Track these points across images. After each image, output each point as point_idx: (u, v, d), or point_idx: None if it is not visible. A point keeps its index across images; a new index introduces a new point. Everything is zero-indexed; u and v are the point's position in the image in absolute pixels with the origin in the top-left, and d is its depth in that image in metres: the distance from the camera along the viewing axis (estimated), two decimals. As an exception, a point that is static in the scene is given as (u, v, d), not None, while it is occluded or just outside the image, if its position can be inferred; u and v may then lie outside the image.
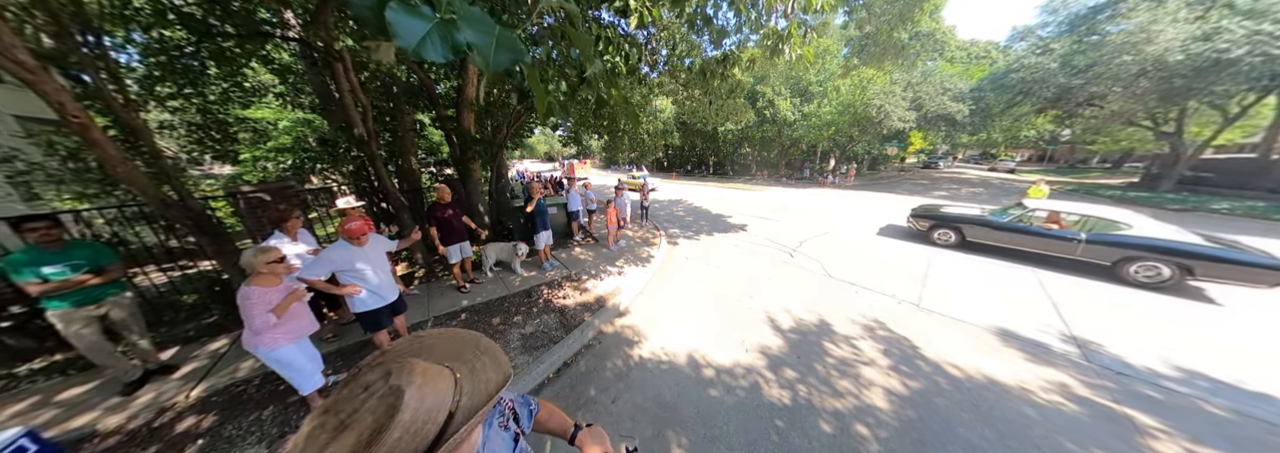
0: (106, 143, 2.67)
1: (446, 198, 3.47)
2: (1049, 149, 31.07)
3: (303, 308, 2.06)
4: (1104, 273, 4.22)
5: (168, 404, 2.38)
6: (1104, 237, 4.14)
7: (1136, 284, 3.97)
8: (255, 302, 1.76)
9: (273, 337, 1.89)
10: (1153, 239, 3.91)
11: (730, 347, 2.75)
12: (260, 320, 1.77)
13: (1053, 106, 12.42)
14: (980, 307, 3.46)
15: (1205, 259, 3.64)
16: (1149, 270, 3.91)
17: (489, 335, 3.03)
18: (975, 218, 5.17)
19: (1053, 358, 2.65)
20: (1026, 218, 4.73)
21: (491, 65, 0.68)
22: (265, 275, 1.81)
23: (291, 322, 1.97)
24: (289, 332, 1.97)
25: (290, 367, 1.99)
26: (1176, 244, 3.80)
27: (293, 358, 1.98)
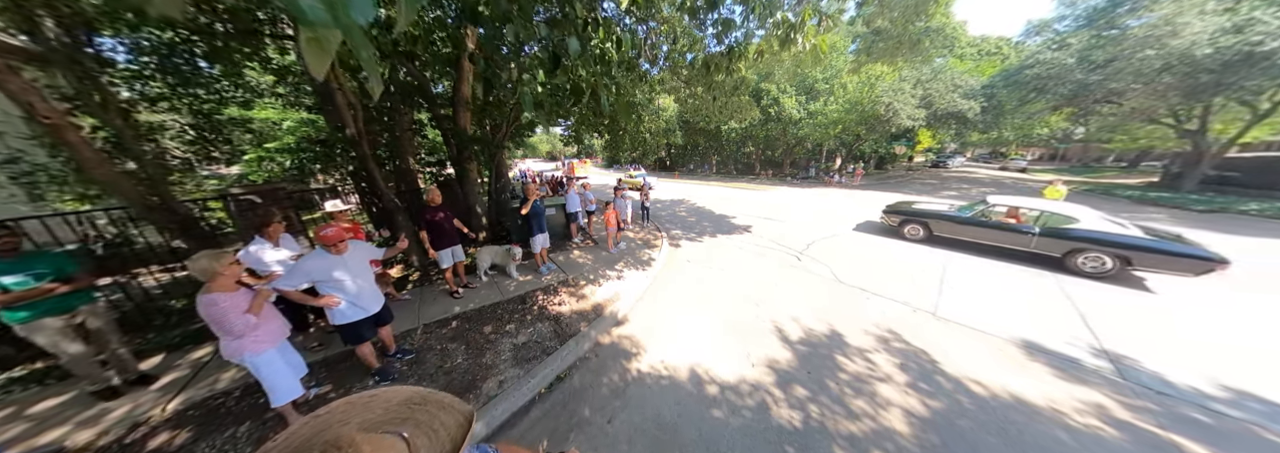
0: (82, 144, 2.56)
1: (437, 200, 3.33)
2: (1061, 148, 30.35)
3: (272, 310, 1.97)
4: (1055, 264, 4.51)
5: (142, 418, 2.27)
6: (1055, 230, 4.44)
7: (1083, 274, 4.27)
8: (226, 306, 1.66)
9: (255, 340, 1.80)
10: (1097, 232, 4.22)
11: (735, 360, 2.58)
12: (241, 323, 1.68)
13: (1068, 104, 12.02)
14: (1001, 316, 3.25)
15: (1141, 250, 3.96)
16: (1094, 261, 4.23)
17: (481, 345, 2.91)
18: (941, 213, 5.52)
19: (1084, 375, 2.45)
20: (987, 213, 5.08)
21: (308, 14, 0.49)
22: (225, 279, 1.70)
23: (268, 324, 1.88)
24: (269, 335, 1.88)
25: (274, 372, 1.89)
26: (1117, 237, 4.10)
27: (273, 364, 1.89)
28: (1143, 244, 3.95)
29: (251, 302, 1.75)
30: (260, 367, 1.84)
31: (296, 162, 6.26)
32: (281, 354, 1.99)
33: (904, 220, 5.88)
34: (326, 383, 2.50)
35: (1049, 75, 11.10)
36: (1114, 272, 4.10)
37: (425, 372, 2.54)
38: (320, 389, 2.42)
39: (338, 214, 3.08)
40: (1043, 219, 4.59)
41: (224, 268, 1.68)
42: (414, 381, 2.47)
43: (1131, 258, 4.00)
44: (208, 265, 1.67)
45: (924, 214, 5.66)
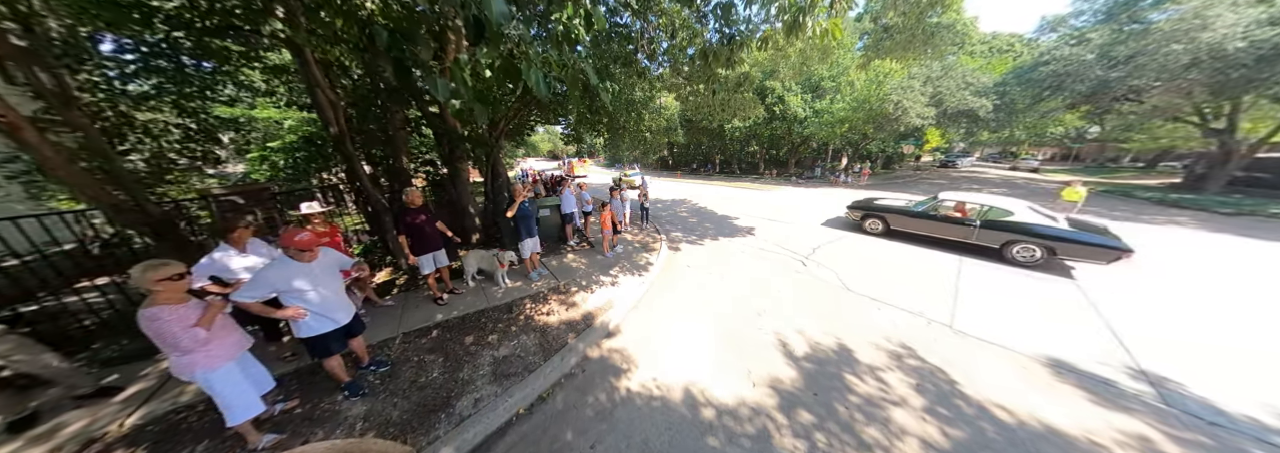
0: (42, 144, 2.41)
1: (417, 202, 3.15)
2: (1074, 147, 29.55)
3: (231, 322, 1.81)
4: (995, 254, 4.89)
5: (98, 434, 2.12)
6: (993, 223, 4.83)
7: (1017, 263, 4.62)
8: (169, 320, 1.49)
9: (208, 355, 1.64)
10: (1028, 224, 4.60)
11: (734, 379, 2.37)
12: (187, 338, 1.51)
13: (1086, 102, 11.57)
14: (1023, 328, 3.00)
15: (1062, 240, 4.34)
16: (1026, 251, 4.60)
17: (460, 357, 2.71)
18: (897, 208, 5.94)
19: (1123, 399, 2.20)
20: (938, 208, 5.49)
21: None
22: (167, 292, 1.53)
23: (225, 337, 1.73)
24: (226, 348, 1.73)
25: (231, 389, 1.73)
26: (1044, 228, 4.49)
27: (234, 380, 1.73)
28: (1064, 235, 4.37)
29: (201, 314, 1.58)
30: (214, 383, 1.68)
31: (290, 161, 6.16)
32: (242, 368, 1.83)
33: (865, 215, 6.34)
34: (295, 397, 2.33)
35: (1066, 72, 10.68)
36: (1043, 260, 4.51)
37: (398, 387, 2.36)
38: (287, 404, 2.26)
39: (313, 217, 2.91)
40: (983, 213, 4.98)
41: (159, 280, 1.51)
42: (385, 396, 2.30)
43: (1056, 248, 4.40)
44: (143, 276, 1.50)
45: (883, 210, 6.07)
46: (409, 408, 2.18)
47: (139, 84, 3.88)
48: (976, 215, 5.01)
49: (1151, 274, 4.36)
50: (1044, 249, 4.45)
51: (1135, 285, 3.96)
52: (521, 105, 5.44)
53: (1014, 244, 4.66)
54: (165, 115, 4.30)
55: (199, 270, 2.22)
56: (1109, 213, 8.43)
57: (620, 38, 4.43)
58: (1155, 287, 3.93)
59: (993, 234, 4.82)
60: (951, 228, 5.22)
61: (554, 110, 5.79)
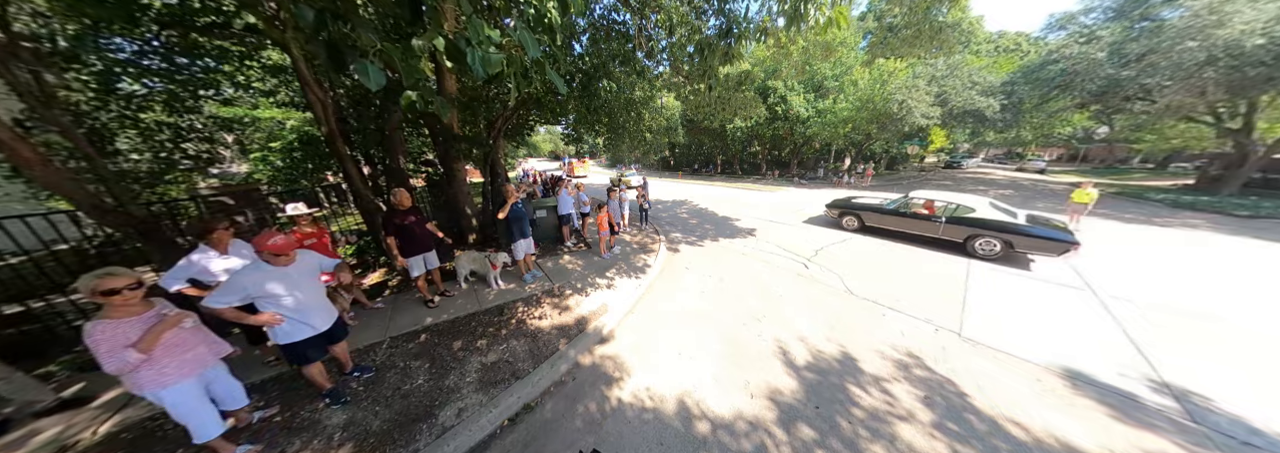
0: (18, 143, 2.35)
1: (406, 203, 3.06)
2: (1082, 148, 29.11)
3: (192, 335, 1.66)
4: (959, 248, 5.20)
5: (71, 441, 2.04)
6: (958, 218, 5.10)
7: (980, 257, 4.88)
8: (99, 339, 1.36)
9: (159, 373, 1.51)
10: (988, 219, 4.86)
11: (732, 390, 2.25)
12: (113, 362, 1.36)
13: (1095, 101, 11.33)
14: (1036, 337, 2.86)
15: (1018, 234, 4.61)
16: (987, 245, 4.87)
17: (447, 363, 2.59)
18: (872, 206, 6.26)
19: (1146, 415, 2.07)
20: (909, 205, 5.78)
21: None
22: (115, 306, 1.41)
23: (181, 352, 1.58)
24: (183, 365, 1.58)
25: (186, 409, 1.62)
26: (1002, 223, 4.76)
27: (185, 400, 1.60)
28: (1019, 229, 4.63)
29: (144, 333, 1.44)
30: (166, 402, 1.57)
31: (288, 161, 6.13)
32: (206, 384, 1.73)
33: (842, 213, 6.66)
34: (277, 404, 2.25)
35: (1075, 71, 10.46)
36: (1002, 253, 4.78)
37: (380, 394, 2.27)
38: (268, 412, 2.17)
39: (300, 218, 2.83)
40: (949, 210, 5.24)
41: (103, 293, 1.37)
42: (367, 404, 2.21)
43: (1013, 241, 4.66)
44: (87, 287, 1.37)
45: (858, 207, 6.39)
46: (391, 417, 2.09)
47: (129, 83, 3.83)
48: (943, 212, 5.27)
49: (1169, 279, 4.19)
50: (1003, 243, 4.75)
51: (1153, 291, 3.81)
52: (519, 104, 5.36)
53: (976, 238, 4.96)
54: (157, 114, 4.25)
55: (176, 274, 2.14)
56: (1119, 215, 8.22)
57: (619, 35, 4.34)
58: (1174, 293, 3.77)
59: (957, 229, 5.11)
60: (920, 224, 5.50)
61: (553, 110, 5.70)
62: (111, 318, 1.40)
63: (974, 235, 4.95)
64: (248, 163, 6.87)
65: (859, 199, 6.79)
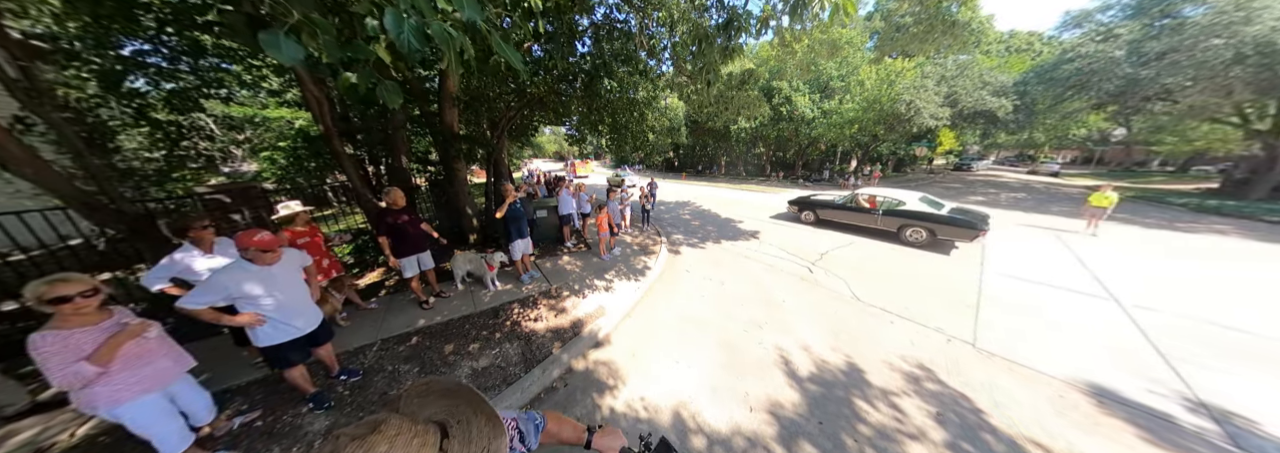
0: (4, 139, 2.32)
1: (400, 203, 2.99)
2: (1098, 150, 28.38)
3: (155, 347, 1.54)
4: (893, 237, 5.91)
5: (48, 443, 2.00)
6: (891, 211, 5.79)
7: (910, 244, 5.53)
8: (47, 352, 1.22)
9: (110, 392, 1.37)
10: (915, 211, 5.52)
11: (731, 402, 2.13)
12: (64, 377, 1.23)
13: (1113, 101, 10.99)
14: (1057, 350, 2.70)
15: (937, 222, 5.26)
16: (915, 233, 5.50)
17: (437, 367, 2.48)
18: (825, 202, 6.99)
19: (1182, 438, 1.91)
20: (855, 200, 6.42)
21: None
22: (66, 314, 1.29)
23: (140, 366, 1.45)
24: (142, 380, 1.46)
25: (149, 424, 1.51)
26: (925, 213, 5.42)
27: (146, 415, 1.49)
28: (939, 218, 5.27)
29: (101, 344, 1.31)
30: (125, 419, 1.44)
31: (291, 159, 6.15)
32: (170, 398, 1.61)
33: (801, 208, 7.40)
34: (259, 407, 2.18)
35: (1092, 70, 10.15)
36: (928, 241, 5.41)
37: (366, 399, 2.19)
38: (249, 416, 2.11)
39: (295, 216, 2.78)
40: (885, 203, 5.92)
41: (51, 301, 1.24)
42: (351, 409, 2.13)
43: (934, 230, 5.30)
44: (34, 293, 1.24)
45: (815, 204, 7.17)
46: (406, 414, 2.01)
47: (132, 81, 3.84)
48: (882, 206, 5.94)
49: (1198, 288, 3.97)
50: (927, 231, 5.37)
51: (1181, 301, 3.60)
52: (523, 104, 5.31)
53: (906, 228, 5.59)
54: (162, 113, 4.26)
55: (157, 272, 2.09)
56: (1140, 219, 7.92)
57: (621, 35, 4.27)
58: (1204, 303, 3.56)
59: (891, 220, 5.78)
60: (863, 216, 6.20)
61: (557, 110, 5.64)
62: (62, 328, 1.27)
63: (904, 225, 5.62)
64: (258, 161, 6.93)
65: (815, 197, 7.59)
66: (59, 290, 1.26)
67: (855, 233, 6.28)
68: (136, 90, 3.89)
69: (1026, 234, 6.50)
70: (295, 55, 0.82)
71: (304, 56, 0.83)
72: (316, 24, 0.82)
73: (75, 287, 1.28)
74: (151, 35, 3.47)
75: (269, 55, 0.78)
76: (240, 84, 4.88)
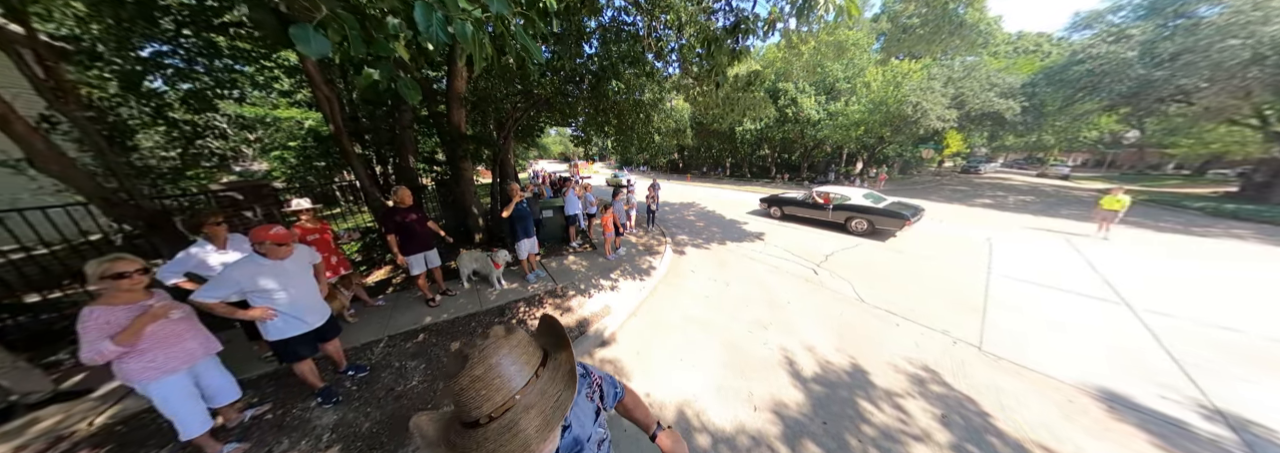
0: (33, 136, 2.40)
1: (407, 201, 3.04)
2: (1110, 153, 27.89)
3: (187, 326, 1.64)
4: (840, 228, 6.82)
5: (67, 431, 2.06)
6: (840, 205, 6.68)
7: (855, 234, 6.41)
8: (89, 326, 1.35)
9: (142, 366, 1.49)
10: (857, 205, 6.42)
11: (735, 401, 2.13)
12: (89, 350, 1.34)
13: (1125, 103, 10.81)
14: (1066, 354, 2.66)
15: (875, 214, 6.14)
16: (859, 224, 6.38)
17: (443, 364, 2.58)
18: (790, 199, 7.90)
19: (1197, 446, 1.87)
20: (811, 198, 7.27)
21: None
22: (114, 292, 1.42)
23: (170, 346, 1.56)
24: (171, 359, 1.56)
25: (171, 404, 1.59)
26: (866, 206, 6.29)
27: (172, 394, 1.58)
28: (875, 209, 6.17)
29: (125, 326, 1.41)
30: (153, 395, 1.55)
31: (301, 158, 6.27)
32: (195, 378, 1.70)
33: (769, 205, 8.37)
34: (269, 401, 2.23)
35: (1104, 71, 10.01)
36: (869, 229, 6.27)
37: (373, 395, 2.23)
38: (258, 410, 2.15)
39: (302, 213, 2.84)
40: (837, 199, 6.79)
41: (104, 277, 1.39)
42: (359, 405, 2.17)
43: (872, 220, 6.17)
44: (92, 272, 1.40)
45: (782, 201, 8.11)
46: (382, 419, 2.04)
47: (151, 81, 3.95)
48: (833, 201, 6.82)
49: (1214, 293, 3.89)
50: (868, 222, 6.22)
51: (1196, 306, 3.53)
52: (528, 105, 5.36)
53: (852, 219, 6.45)
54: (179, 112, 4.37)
55: (172, 266, 2.15)
56: (1153, 223, 7.77)
57: (628, 37, 4.30)
58: (1221, 309, 3.49)
59: (840, 213, 6.65)
60: (818, 211, 7.09)
61: (563, 111, 5.69)
62: (110, 304, 1.41)
63: (850, 217, 6.47)
64: (267, 161, 7.07)
65: (783, 195, 8.52)
66: (118, 267, 1.40)
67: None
68: (155, 90, 4.00)
69: (1035, 237, 6.41)
70: (324, 49, 0.85)
71: (331, 51, 0.86)
72: (343, 20, 0.85)
73: (131, 265, 1.44)
74: (170, 37, 3.57)
75: (299, 49, 0.81)
76: (252, 85, 4.98)
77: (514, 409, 0.51)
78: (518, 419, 0.51)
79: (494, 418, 0.50)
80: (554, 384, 0.56)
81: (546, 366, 0.58)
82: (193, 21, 3.45)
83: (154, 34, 3.51)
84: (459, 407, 0.52)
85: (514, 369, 0.53)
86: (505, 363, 0.53)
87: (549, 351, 0.62)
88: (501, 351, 0.54)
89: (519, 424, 0.50)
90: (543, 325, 0.70)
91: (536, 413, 0.52)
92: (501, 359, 0.53)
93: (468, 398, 0.50)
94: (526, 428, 0.51)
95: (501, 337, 0.56)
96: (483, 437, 0.50)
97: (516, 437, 0.50)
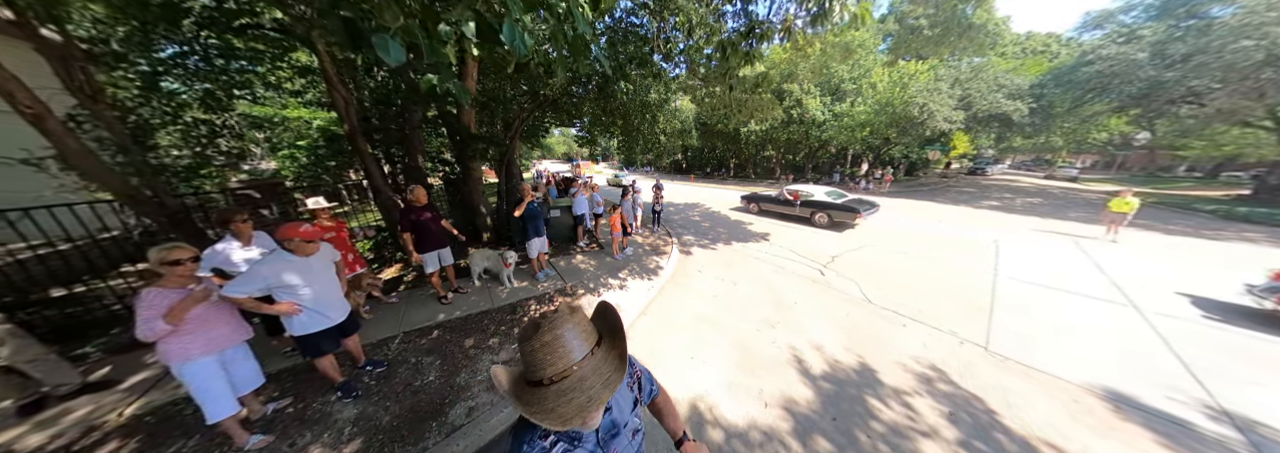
0: (65, 135, 2.49)
1: (422, 200, 3.11)
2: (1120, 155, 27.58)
3: (217, 312, 1.73)
4: (805, 221, 7.71)
5: (99, 422, 2.13)
6: (805, 201, 7.63)
7: (818, 226, 7.34)
8: (148, 305, 1.48)
9: (180, 347, 1.59)
10: (819, 200, 7.38)
11: (745, 398, 2.18)
12: (145, 328, 1.47)
13: (1135, 104, 10.71)
14: (1072, 355, 2.68)
15: (833, 209, 7.08)
16: (821, 217, 7.31)
17: (458, 360, 2.59)
18: (766, 196, 8.77)
19: (1202, 445, 1.89)
20: (783, 195, 8.16)
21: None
22: (169, 276, 1.56)
23: (204, 329, 1.66)
24: (205, 342, 1.66)
25: (201, 387, 1.67)
26: (826, 202, 7.24)
27: (203, 376, 1.67)
28: (832, 204, 7.11)
29: (173, 305, 1.53)
30: (186, 378, 1.64)
31: (312, 157, 6.37)
32: (225, 365, 1.77)
33: (748, 202, 9.28)
34: (289, 395, 2.29)
35: (1114, 72, 9.92)
36: (827, 222, 7.24)
37: (392, 389, 2.29)
38: (279, 404, 2.22)
39: (320, 211, 2.91)
40: (803, 196, 7.72)
41: (156, 264, 1.53)
42: (378, 399, 2.23)
43: (831, 214, 7.11)
44: (153, 257, 1.54)
45: (759, 198, 8.99)
46: (401, 413, 2.10)
47: (172, 82, 4.05)
48: (800, 198, 7.72)
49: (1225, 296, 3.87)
50: (827, 215, 7.20)
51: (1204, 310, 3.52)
52: (535, 105, 5.42)
53: (815, 213, 7.41)
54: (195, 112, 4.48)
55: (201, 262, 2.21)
56: (1162, 226, 7.70)
57: (636, 38, 4.35)
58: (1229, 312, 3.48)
59: (806, 208, 7.58)
60: (788, 207, 7.99)
61: (569, 111, 5.75)
62: (164, 287, 1.54)
63: (814, 211, 7.40)
64: (275, 160, 7.19)
65: (759, 192, 9.44)
66: (174, 255, 1.55)
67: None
68: (175, 91, 4.10)
69: (1043, 240, 6.39)
70: (399, 57, 0.94)
71: (405, 58, 0.94)
72: (413, 31, 0.92)
73: (185, 253, 1.58)
74: (190, 38, 3.67)
75: (380, 56, 0.89)
76: (264, 85, 5.08)
77: (572, 377, 0.58)
78: (575, 386, 0.57)
79: (555, 381, 0.57)
80: (607, 364, 0.63)
81: (600, 346, 0.64)
82: (212, 23, 3.54)
83: (175, 36, 3.61)
84: (527, 366, 0.59)
85: (576, 342, 0.60)
86: (569, 335, 0.60)
87: (603, 334, 0.68)
88: (567, 323, 0.60)
89: (576, 390, 0.57)
90: (599, 311, 0.75)
91: (589, 385, 0.58)
92: (566, 331, 0.59)
93: (537, 359, 0.58)
94: (580, 397, 0.57)
95: (568, 312, 0.63)
96: (544, 395, 0.57)
97: (572, 401, 0.56)
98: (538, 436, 0.65)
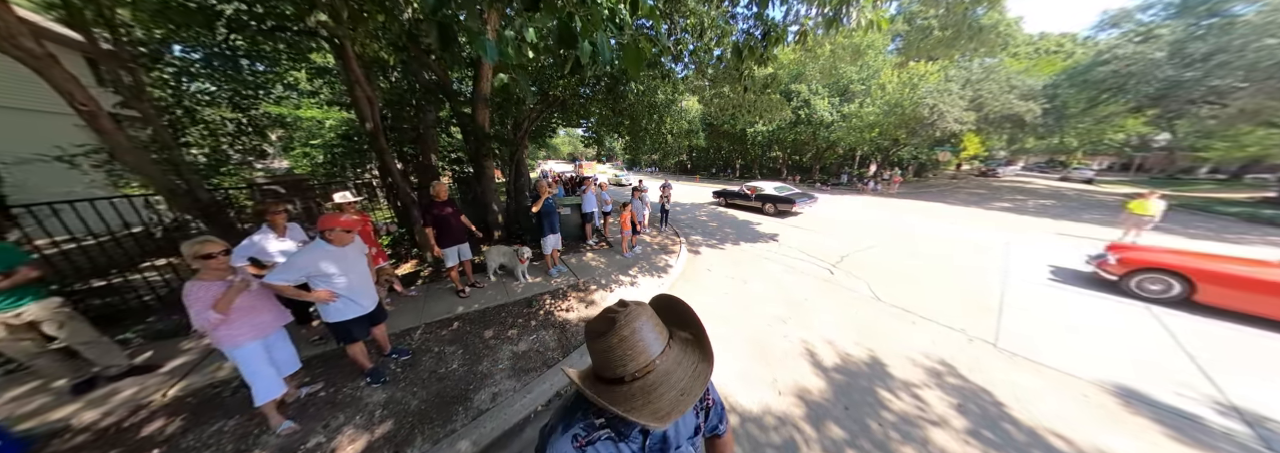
0: (115, 131, 2.65)
1: (443, 196, 3.23)
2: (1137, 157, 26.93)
3: (261, 299, 1.85)
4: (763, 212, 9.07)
5: (144, 402, 2.27)
6: (759, 196, 9.04)
7: (768, 215, 8.69)
8: (195, 297, 1.58)
9: (231, 333, 1.72)
10: (767, 195, 8.83)
11: (759, 387, 2.25)
12: (200, 318, 1.59)
13: (1153, 105, 10.52)
14: (1081, 352, 2.70)
15: (778, 201, 8.60)
16: (770, 209, 8.74)
17: (479, 349, 2.73)
18: (731, 192, 10.05)
19: (1210, 438, 1.92)
20: (743, 190, 9.55)
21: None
22: (208, 268, 1.65)
23: (251, 316, 1.78)
24: (252, 328, 1.78)
25: (251, 370, 1.80)
26: (772, 196, 8.77)
27: (254, 358, 1.80)
28: (777, 198, 8.54)
29: (218, 297, 1.64)
30: (238, 359, 1.76)
31: (329, 156, 6.57)
32: (268, 349, 1.89)
33: (717, 197, 10.66)
34: (320, 380, 2.41)
35: (1131, 72, 9.76)
36: (776, 212, 8.62)
37: (418, 376, 2.40)
38: (312, 388, 2.34)
39: (346, 206, 3.05)
40: (757, 191, 9.11)
41: (198, 256, 1.61)
42: (405, 384, 2.34)
43: (778, 206, 8.49)
44: (187, 252, 1.62)
45: (727, 194, 10.22)
46: (428, 398, 2.21)
47: (201, 82, 4.24)
48: (755, 193, 9.16)
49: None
50: (774, 207, 8.56)
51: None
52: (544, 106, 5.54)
53: (766, 204, 8.72)
54: (221, 111, 4.68)
55: (239, 252, 2.35)
56: (1182, 229, 7.56)
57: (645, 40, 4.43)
58: (1245, 311, 3.44)
59: (758, 201, 9.00)
60: (747, 201, 9.41)
61: (577, 112, 5.86)
62: (203, 279, 1.62)
63: (765, 204, 8.76)
64: (288, 159, 7.41)
65: (727, 189, 10.48)
66: (206, 249, 1.61)
67: (750, 212, 9.21)
68: (206, 90, 4.29)
69: (1055, 242, 6.34)
70: (494, 57, 1.08)
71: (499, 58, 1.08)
72: (501, 37, 1.04)
73: (216, 246, 1.64)
74: (221, 40, 3.84)
75: (480, 56, 1.04)
76: (282, 85, 5.27)
77: (655, 371, 0.55)
78: (661, 380, 0.54)
79: (637, 377, 0.54)
80: (688, 356, 0.60)
81: (675, 339, 0.62)
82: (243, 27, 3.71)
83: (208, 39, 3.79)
84: (603, 364, 0.56)
85: (651, 336, 0.56)
86: (645, 329, 0.56)
87: (674, 327, 0.65)
88: (642, 317, 0.57)
89: (663, 384, 0.54)
90: (664, 303, 0.71)
91: (677, 378, 0.56)
92: (642, 325, 0.56)
93: (615, 356, 0.54)
94: (670, 391, 0.54)
95: (638, 306, 0.59)
96: (629, 393, 0.53)
97: (663, 396, 0.53)
98: (592, 415, 0.61)
